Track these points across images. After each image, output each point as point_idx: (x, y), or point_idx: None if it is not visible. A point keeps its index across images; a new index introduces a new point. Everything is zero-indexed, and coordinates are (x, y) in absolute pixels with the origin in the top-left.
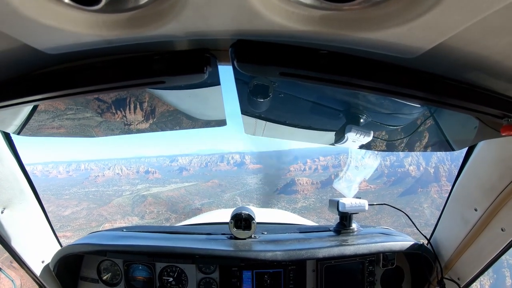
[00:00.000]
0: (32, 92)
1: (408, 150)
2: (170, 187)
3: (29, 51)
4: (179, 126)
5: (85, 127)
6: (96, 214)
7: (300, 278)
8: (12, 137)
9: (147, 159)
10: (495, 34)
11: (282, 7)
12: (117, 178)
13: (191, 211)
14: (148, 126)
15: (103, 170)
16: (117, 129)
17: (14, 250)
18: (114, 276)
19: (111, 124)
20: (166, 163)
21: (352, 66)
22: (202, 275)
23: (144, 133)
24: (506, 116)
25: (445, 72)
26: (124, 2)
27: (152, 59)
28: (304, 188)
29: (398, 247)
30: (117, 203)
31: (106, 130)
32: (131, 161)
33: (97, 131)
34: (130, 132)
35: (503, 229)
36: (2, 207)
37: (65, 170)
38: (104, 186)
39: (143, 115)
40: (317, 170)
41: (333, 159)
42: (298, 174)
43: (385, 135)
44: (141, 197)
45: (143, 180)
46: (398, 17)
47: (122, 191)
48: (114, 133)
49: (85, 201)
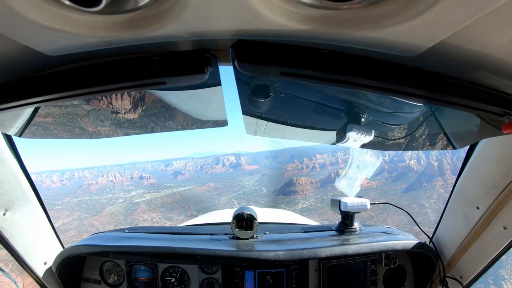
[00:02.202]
0: (33, 94)
1: (409, 149)
2: (165, 192)
3: (30, 53)
4: (180, 127)
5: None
6: (88, 225)
7: (303, 278)
8: (13, 139)
9: (141, 164)
10: (496, 31)
11: (282, 6)
12: (110, 185)
13: (186, 218)
14: (150, 127)
15: (96, 177)
16: (118, 130)
17: (16, 252)
18: (116, 277)
19: (112, 125)
20: (160, 168)
21: (352, 65)
22: (205, 275)
23: (145, 134)
24: (507, 114)
25: (446, 70)
26: (124, 3)
27: (153, 60)
28: (303, 188)
29: (400, 246)
30: (110, 212)
31: (108, 132)
32: (125, 167)
33: (98, 132)
34: (132, 133)
35: (505, 227)
36: (4, 209)
37: (59, 179)
38: (97, 194)
39: (144, 116)
40: (315, 168)
41: (330, 157)
42: (296, 174)
43: (387, 134)
44: (134, 205)
45: (137, 186)
46: (398, 15)
47: (115, 199)
48: (115, 134)
49: (77, 211)
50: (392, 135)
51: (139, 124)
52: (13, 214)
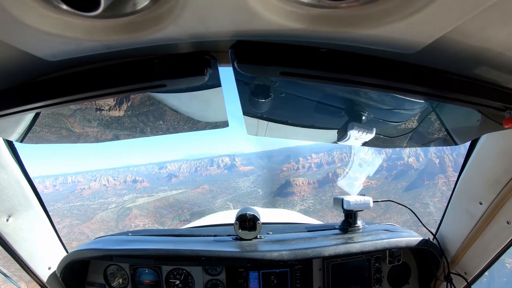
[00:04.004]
0: (33, 99)
1: (411, 146)
2: (158, 196)
3: (29, 59)
4: (181, 129)
5: (87, 133)
6: (78, 232)
7: (307, 277)
8: (15, 145)
9: (136, 167)
10: (495, 26)
11: (281, 6)
12: (103, 189)
13: (179, 223)
14: (151, 130)
15: (90, 182)
16: (120, 134)
17: (20, 257)
18: (121, 280)
19: (114, 129)
20: (155, 171)
21: (352, 63)
22: (209, 277)
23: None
24: (508, 108)
25: (446, 66)
26: (122, 7)
27: (152, 62)
28: (300, 189)
29: (404, 243)
30: (101, 218)
31: (109, 135)
32: (119, 171)
33: (100, 136)
34: (133, 136)
35: (509, 222)
36: (7, 215)
37: (52, 184)
38: (90, 199)
39: (145, 119)
40: (311, 168)
41: (327, 156)
42: (292, 174)
43: (388, 132)
44: (126, 210)
45: (131, 190)
46: (397, 12)
47: (108, 204)
48: (117, 138)
49: (68, 217)
50: (393, 133)
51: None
52: (16, 220)
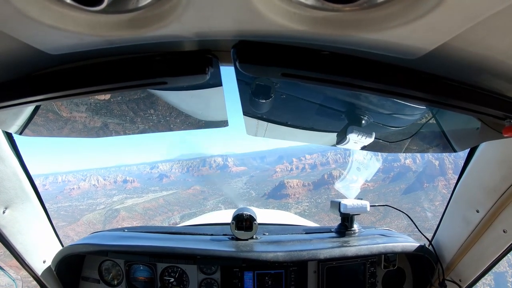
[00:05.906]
0: (34, 92)
1: (410, 151)
2: (148, 197)
3: (31, 52)
4: (181, 127)
5: (87, 127)
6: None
7: (302, 279)
8: (14, 137)
9: (128, 167)
10: (497, 34)
11: (284, 8)
12: (93, 190)
13: (168, 226)
14: (150, 127)
15: (79, 182)
16: (119, 130)
17: (15, 249)
18: (115, 276)
19: (113, 124)
20: (146, 171)
21: (354, 67)
22: (204, 276)
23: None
24: (508, 117)
25: (447, 73)
26: (126, 3)
27: (154, 59)
28: (295, 191)
29: (399, 248)
30: (87, 220)
31: (108, 131)
32: (110, 170)
33: (99, 131)
34: (132, 133)
35: (505, 230)
36: (4, 207)
37: (42, 183)
38: (78, 200)
39: (145, 115)
40: (305, 169)
41: (320, 157)
42: (286, 175)
43: (387, 137)
44: (114, 212)
45: (121, 190)
46: (400, 18)
47: (96, 205)
48: (116, 134)
49: (54, 218)
50: (392, 138)
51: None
52: (13, 212)
